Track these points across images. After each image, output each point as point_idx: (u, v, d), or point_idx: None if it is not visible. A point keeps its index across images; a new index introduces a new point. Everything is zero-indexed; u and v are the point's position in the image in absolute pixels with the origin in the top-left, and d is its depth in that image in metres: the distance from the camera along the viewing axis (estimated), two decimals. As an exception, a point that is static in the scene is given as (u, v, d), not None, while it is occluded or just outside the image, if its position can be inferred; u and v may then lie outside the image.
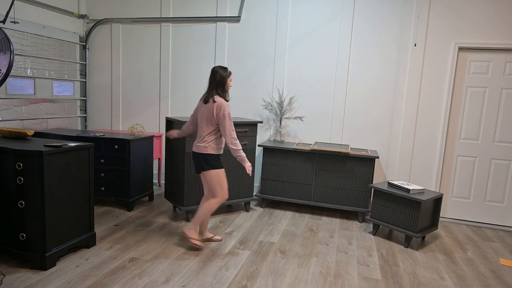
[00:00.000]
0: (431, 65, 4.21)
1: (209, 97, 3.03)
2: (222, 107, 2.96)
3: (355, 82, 4.47)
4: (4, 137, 3.13)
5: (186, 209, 3.76)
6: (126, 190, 4.01)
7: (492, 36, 4.02)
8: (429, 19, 4.16)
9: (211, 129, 3.03)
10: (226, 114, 2.96)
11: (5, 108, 4.18)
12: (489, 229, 4.17)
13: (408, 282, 2.83)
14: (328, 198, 4.20)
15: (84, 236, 3.04)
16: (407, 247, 3.51)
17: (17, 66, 4.29)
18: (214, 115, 2.98)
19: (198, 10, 4.89)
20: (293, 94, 4.69)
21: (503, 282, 2.94)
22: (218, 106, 2.97)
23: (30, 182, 2.62)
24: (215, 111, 2.97)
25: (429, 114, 4.28)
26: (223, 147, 3.24)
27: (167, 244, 3.26)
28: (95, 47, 5.32)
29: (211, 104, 3.00)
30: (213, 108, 2.99)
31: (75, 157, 2.89)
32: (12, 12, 4.14)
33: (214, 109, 2.98)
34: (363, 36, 4.39)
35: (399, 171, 4.41)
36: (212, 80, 3.06)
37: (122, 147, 3.96)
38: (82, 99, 5.34)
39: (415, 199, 3.42)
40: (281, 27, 4.62)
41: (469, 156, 4.26)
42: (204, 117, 3.04)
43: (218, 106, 2.97)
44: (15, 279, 2.56)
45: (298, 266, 2.99)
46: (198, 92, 5.02)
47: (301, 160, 4.23)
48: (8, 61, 3.05)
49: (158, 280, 2.64)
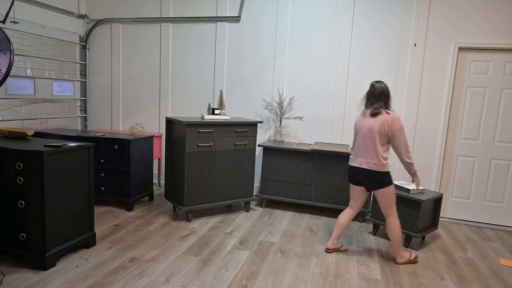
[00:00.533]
0: (431, 65, 4.21)
1: (379, 110, 2.95)
2: (397, 120, 2.90)
3: (355, 82, 4.47)
4: (4, 137, 3.13)
5: (186, 209, 3.76)
6: (126, 190, 4.01)
7: (492, 36, 4.02)
8: (429, 19, 4.16)
9: (385, 144, 2.96)
10: (402, 127, 2.91)
11: (5, 108, 4.18)
12: (489, 229, 4.17)
13: (408, 282, 2.83)
14: (328, 198, 4.20)
15: (84, 236, 3.04)
16: (407, 247, 3.50)
17: (17, 66, 4.29)
18: (388, 128, 2.91)
19: (198, 10, 4.89)
20: (293, 94, 4.69)
21: (503, 282, 2.94)
22: (393, 120, 2.90)
23: (30, 182, 2.62)
24: (391, 124, 2.90)
25: (429, 114, 4.27)
26: None
27: (167, 244, 3.26)
28: (95, 47, 5.32)
29: (383, 118, 2.92)
30: (386, 121, 2.91)
31: (75, 157, 2.89)
32: (12, 12, 4.14)
33: (389, 123, 2.90)
34: (363, 36, 4.39)
35: (399, 171, 4.41)
36: (377, 94, 2.98)
37: (122, 147, 3.96)
38: (82, 99, 5.34)
39: (415, 199, 3.41)
40: (281, 27, 4.62)
41: (469, 156, 4.26)
42: (376, 132, 2.93)
43: (394, 119, 2.90)
44: (15, 279, 2.56)
45: (298, 266, 2.99)
46: (198, 92, 5.03)
47: (301, 160, 4.23)
48: (8, 61, 3.05)
49: (158, 280, 2.64)
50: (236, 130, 3.96)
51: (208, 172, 3.85)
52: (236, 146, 3.99)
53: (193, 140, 3.69)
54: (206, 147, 3.77)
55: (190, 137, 3.67)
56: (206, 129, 3.74)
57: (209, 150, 3.80)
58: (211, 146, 3.80)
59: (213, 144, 3.81)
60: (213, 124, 3.78)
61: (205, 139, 3.76)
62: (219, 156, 3.89)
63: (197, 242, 3.35)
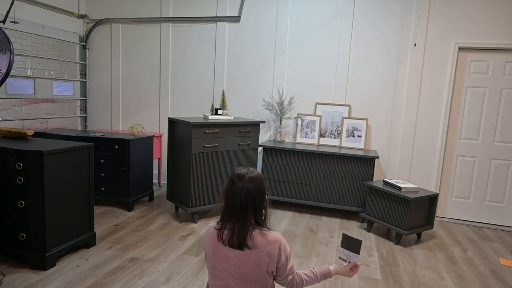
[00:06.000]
0: (431, 65, 4.21)
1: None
2: None
3: (355, 82, 4.47)
4: (4, 137, 3.13)
5: (192, 210, 3.73)
6: (126, 190, 4.01)
7: (492, 36, 4.02)
8: (429, 19, 4.16)
9: None
10: None
11: (5, 108, 4.18)
12: (489, 229, 4.17)
13: (408, 282, 2.83)
14: (328, 198, 4.20)
15: (84, 236, 3.04)
16: (397, 244, 3.55)
17: (17, 66, 4.29)
18: None
19: (198, 10, 4.88)
20: (293, 94, 4.69)
21: (503, 282, 2.94)
22: None
23: (30, 182, 2.62)
24: None
25: (429, 114, 4.27)
26: None
27: (167, 244, 3.26)
28: (95, 47, 5.32)
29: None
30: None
31: (75, 157, 2.89)
32: (12, 12, 4.14)
33: None
34: (363, 35, 4.39)
35: (399, 171, 4.40)
36: None
37: (122, 147, 3.95)
38: (82, 99, 5.33)
39: (405, 197, 3.46)
40: (281, 27, 4.62)
41: (469, 156, 4.26)
42: None
43: None
44: (15, 279, 2.56)
45: (298, 266, 2.99)
46: (198, 92, 5.02)
47: (301, 160, 4.23)
48: (8, 61, 3.04)
49: (158, 280, 2.64)
50: (240, 130, 3.95)
51: (213, 172, 3.83)
52: (240, 146, 3.98)
53: (199, 141, 3.66)
54: (212, 147, 3.76)
55: (196, 138, 3.64)
56: (211, 129, 3.72)
57: (214, 151, 3.79)
58: (216, 146, 3.79)
59: (218, 145, 3.80)
60: (218, 125, 3.77)
61: (210, 140, 3.75)
62: (224, 157, 3.88)
63: (197, 242, 3.35)
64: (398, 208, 3.55)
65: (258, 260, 1.50)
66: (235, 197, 1.52)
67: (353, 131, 4.44)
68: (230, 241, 1.51)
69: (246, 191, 1.52)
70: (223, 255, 1.53)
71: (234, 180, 1.54)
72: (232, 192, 1.53)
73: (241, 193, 1.51)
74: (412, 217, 3.51)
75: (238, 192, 1.51)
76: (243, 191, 1.51)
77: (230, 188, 1.54)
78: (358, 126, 4.42)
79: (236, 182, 1.53)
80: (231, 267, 1.52)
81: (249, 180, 1.53)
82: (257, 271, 1.51)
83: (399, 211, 3.54)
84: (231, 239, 1.51)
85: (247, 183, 1.52)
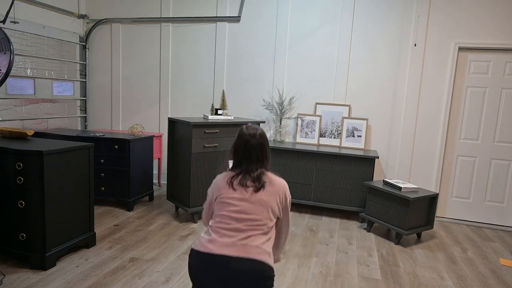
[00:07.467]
0: (431, 65, 4.21)
1: None
2: None
3: (355, 82, 4.47)
4: (4, 137, 3.13)
5: (192, 210, 3.73)
6: (126, 190, 4.01)
7: (492, 36, 4.02)
8: (429, 19, 4.16)
9: None
10: None
11: (5, 108, 4.18)
12: (489, 229, 4.17)
13: (408, 282, 2.83)
14: (328, 198, 4.20)
15: (84, 236, 3.04)
16: (397, 244, 3.55)
17: (17, 66, 4.29)
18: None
19: (198, 10, 4.88)
20: (293, 94, 4.69)
21: (503, 282, 2.94)
22: None
23: (30, 182, 2.62)
24: None
25: (429, 114, 4.27)
26: None
27: (167, 244, 3.26)
28: (95, 47, 5.32)
29: None
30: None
31: (75, 157, 2.89)
32: (12, 12, 4.14)
33: None
34: (363, 35, 4.39)
35: (399, 171, 4.41)
36: None
37: (122, 147, 3.95)
38: (82, 99, 5.33)
39: (405, 197, 3.46)
40: (281, 27, 4.62)
41: (469, 156, 4.26)
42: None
43: None
44: (15, 279, 2.56)
45: (298, 266, 2.99)
46: (198, 92, 5.02)
47: (301, 160, 4.23)
48: (8, 61, 3.04)
49: (158, 280, 2.64)
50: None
51: (213, 172, 3.83)
52: None
53: (199, 141, 3.66)
54: (212, 147, 3.76)
55: (196, 138, 3.64)
56: (211, 129, 3.73)
57: (214, 151, 3.79)
58: (216, 146, 3.79)
59: (218, 145, 3.80)
60: (218, 125, 3.77)
61: (210, 140, 3.75)
62: (224, 157, 3.88)
63: (197, 242, 3.35)
64: (398, 208, 3.55)
65: (274, 191, 1.73)
66: (252, 154, 1.77)
67: (353, 131, 4.44)
68: (249, 183, 1.71)
69: (261, 147, 1.79)
70: (238, 198, 1.70)
71: (248, 140, 1.78)
72: (248, 149, 1.77)
73: (257, 149, 1.78)
74: (412, 217, 3.52)
75: (254, 149, 1.77)
76: (259, 147, 1.78)
77: (245, 146, 1.78)
78: (358, 126, 4.43)
79: (250, 140, 1.78)
80: (242, 205, 1.68)
81: (260, 137, 1.80)
82: (271, 198, 1.71)
83: (399, 211, 3.54)
84: (251, 182, 1.71)
85: (259, 139, 1.79)
